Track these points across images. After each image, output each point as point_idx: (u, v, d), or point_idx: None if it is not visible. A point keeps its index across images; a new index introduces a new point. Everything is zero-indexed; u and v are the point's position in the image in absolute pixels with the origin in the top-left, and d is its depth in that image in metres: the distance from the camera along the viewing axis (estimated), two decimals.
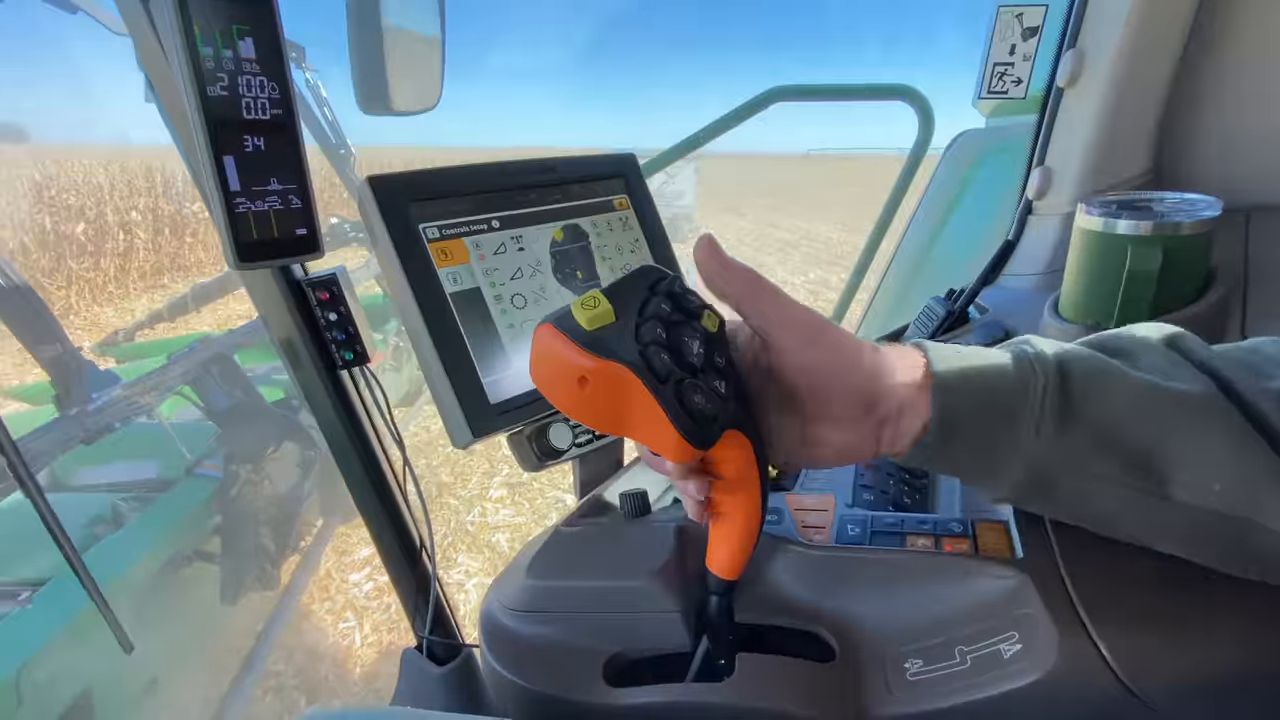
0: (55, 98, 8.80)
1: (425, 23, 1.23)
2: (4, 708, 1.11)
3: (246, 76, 0.51)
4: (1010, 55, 0.73)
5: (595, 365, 0.28)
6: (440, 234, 0.48)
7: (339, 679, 2.42)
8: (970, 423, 0.31)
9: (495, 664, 0.37)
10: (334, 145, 2.59)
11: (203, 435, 1.91)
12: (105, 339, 3.20)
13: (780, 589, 0.36)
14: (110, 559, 1.53)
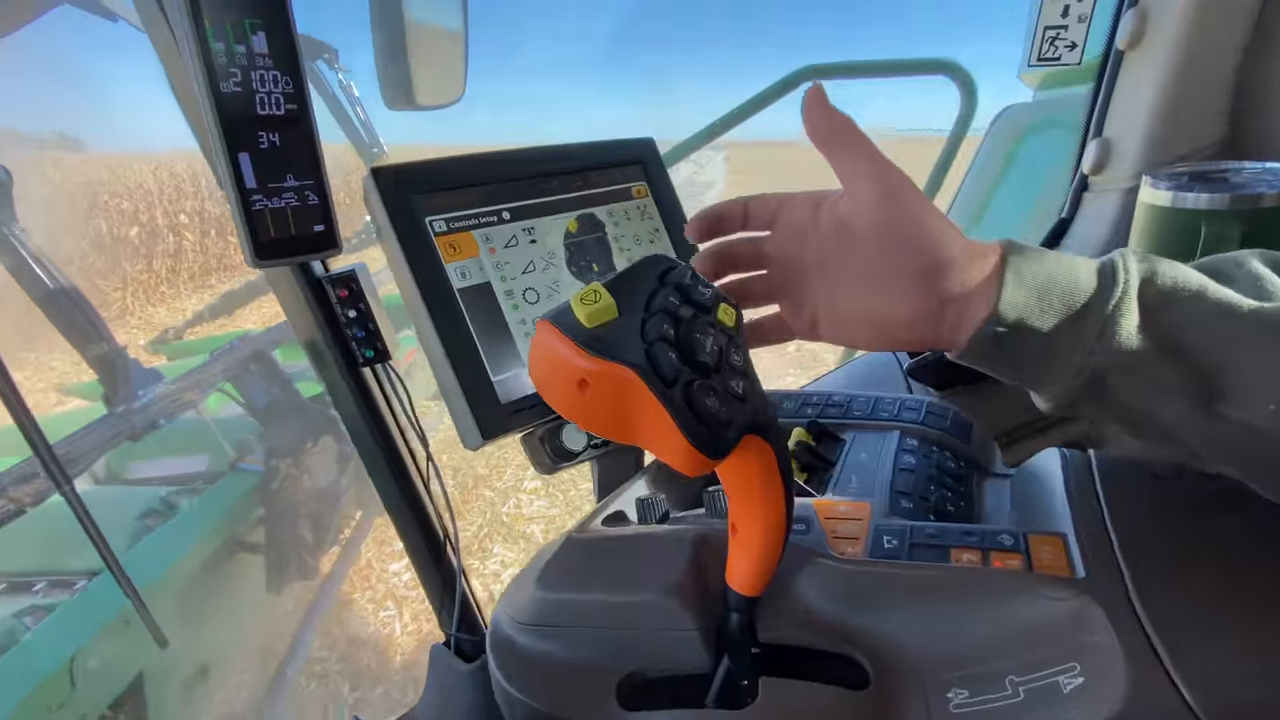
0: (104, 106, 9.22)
1: (448, 16, 1.22)
2: (57, 695, 1.16)
3: (260, 71, 0.50)
4: (1064, 17, 0.67)
5: (595, 367, 0.25)
6: (448, 227, 0.46)
7: (380, 667, 2.48)
8: (1036, 314, 0.30)
9: (503, 681, 0.35)
10: (367, 144, 2.63)
11: (244, 431, 1.96)
12: (157, 337, 3.33)
13: (808, 606, 0.33)
14: (161, 550, 1.59)
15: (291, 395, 1.95)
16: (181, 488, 1.83)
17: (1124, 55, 0.64)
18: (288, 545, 1.99)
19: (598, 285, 0.27)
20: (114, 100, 8.77)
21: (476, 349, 0.45)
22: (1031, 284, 0.31)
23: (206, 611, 1.73)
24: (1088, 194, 0.71)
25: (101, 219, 6.22)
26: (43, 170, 5.74)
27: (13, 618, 1.26)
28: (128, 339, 4.80)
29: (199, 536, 1.71)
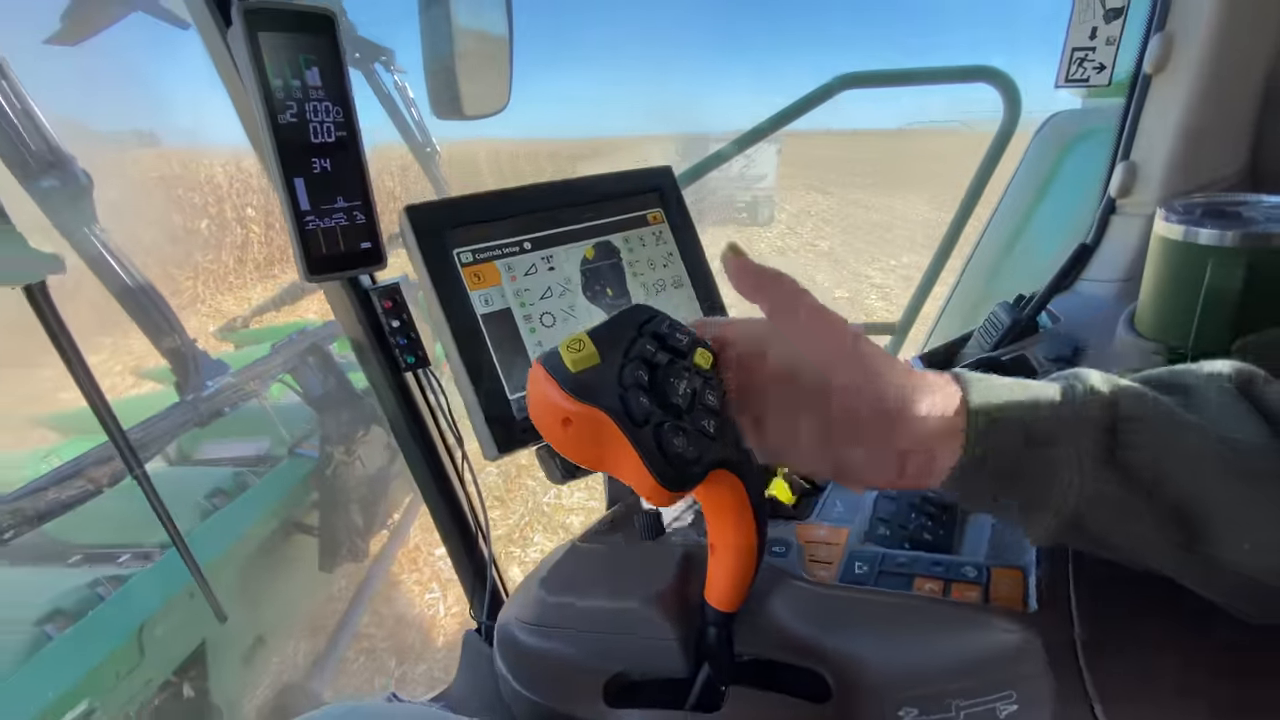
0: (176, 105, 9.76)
1: (494, 31, 1.27)
2: (127, 662, 1.27)
3: (313, 103, 0.55)
4: (1091, 39, 0.67)
5: (576, 409, 0.29)
6: (474, 258, 0.50)
7: (424, 645, 2.59)
8: (1005, 462, 0.30)
9: (507, 674, 0.39)
10: (421, 144, 2.71)
11: (301, 419, 2.08)
12: (225, 325, 3.54)
13: (781, 624, 0.36)
14: (225, 528, 1.70)
15: (345, 387, 2.06)
16: (244, 470, 1.97)
17: (1151, 79, 0.63)
18: (340, 527, 2.10)
19: (583, 334, 0.31)
20: (185, 99, 9.26)
21: (496, 370, 0.49)
22: (997, 425, 0.30)
23: (264, 587, 1.85)
24: (1115, 217, 0.71)
25: (175, 212, 6.63)
26: (121, 167, 6.15)
27: (87, 587, 1.38)
28: (199, 325, 5.11)
29: (259, 516, 1.82)
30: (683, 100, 63.53)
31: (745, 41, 78.17)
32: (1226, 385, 0.31)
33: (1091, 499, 0.29)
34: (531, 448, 0.53)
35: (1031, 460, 0.30)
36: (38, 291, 0.74)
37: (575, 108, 47.50)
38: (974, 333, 0.79)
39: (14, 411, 3.50)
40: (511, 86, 1.35)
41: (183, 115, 9.12)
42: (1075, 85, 0.70)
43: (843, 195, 15.60)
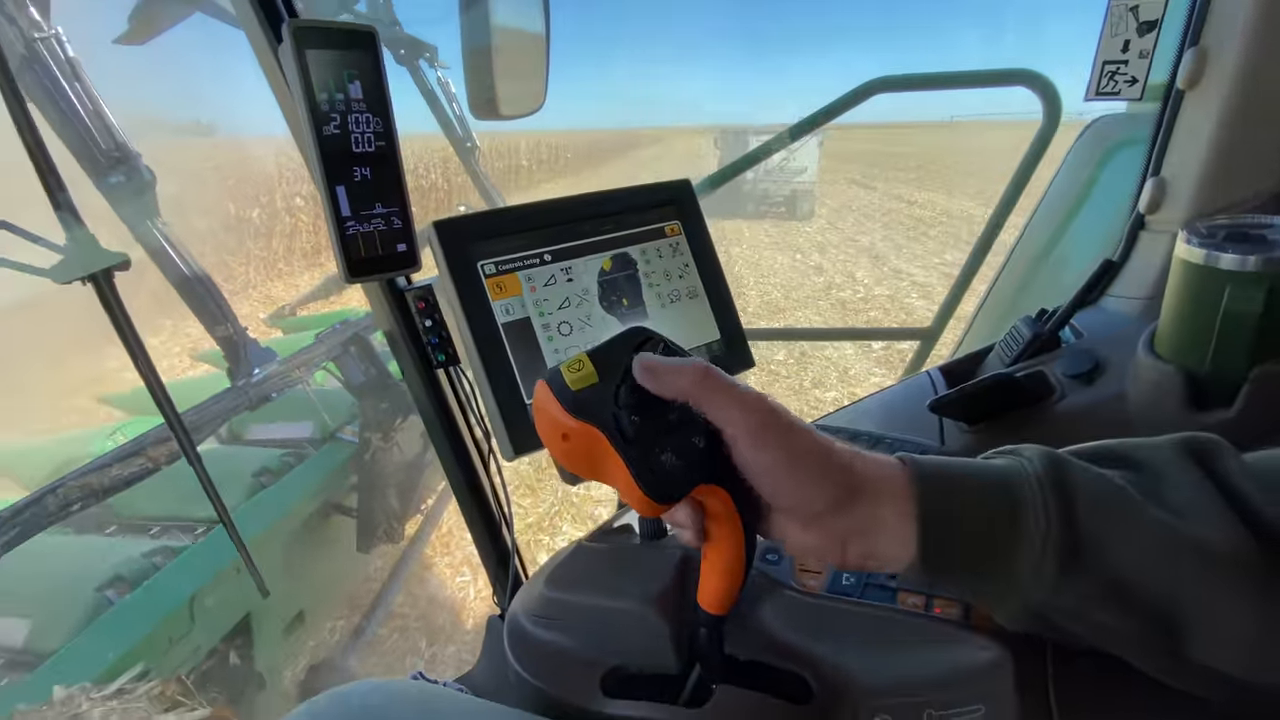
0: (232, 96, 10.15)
1: (532, 22, 1.30)
2: (179, 629, 1.36)
3: (355, 115, 0.59)
4: (1124, 52, 0.66)
5: (574, 425, 0.31)
6: (496, 269, 0.53)
7: (454, 627, 2.67)
8: (960, 558, 0.29)
9: (514, 662, 0.42)
10: (461, 139, 2.76)
11: (343, 405, 2.17)
12: (274, 312, 3.69)
13: (770, 629, 0.38)
14: (270, 506, 1.80)
15: (385, 375, 2.14)
16: (289, 452, 2.06)
17: (1184, 95, 0.62)
18: (377, 510, 2.18)
19: (583, 355, 0.33)
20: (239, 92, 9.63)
21: (514, 376, 0.52)
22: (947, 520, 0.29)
23: (305, 564, 1.94)
24: (1143, 233, 0.70)
25: (229, 201, 6.91)
26: (180, 157, 6.44)
27: (143, 557, 1.47)
28: (250, 310, 5.33)
29: (302, 496, 1.91)
30: (722, 93, 62.85)
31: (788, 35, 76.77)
32: (1179, 459, 0.30)
33: (1058, 598, 0.28)
34: (544, 450, 0.56)
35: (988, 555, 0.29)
36: (104, 282, 0.80)
37: (615, 100, 47.46)
38: (995, 346, 0.79)
39: (83, 391, 3.73)
40: (548, 87, 1.38)
41: (237, 106, 9.50)
42: (1105, 98, 0.69)
43: (886, 190, 15.26)
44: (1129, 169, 1.00)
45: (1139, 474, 0.30)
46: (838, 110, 1.30)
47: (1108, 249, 0.75)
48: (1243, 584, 0.27)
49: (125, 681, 1.24)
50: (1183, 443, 0.31)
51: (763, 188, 10.86)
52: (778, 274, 7.45)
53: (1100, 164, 1.07)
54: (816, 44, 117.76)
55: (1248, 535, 0.27)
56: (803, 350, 4.72)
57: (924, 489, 0.30)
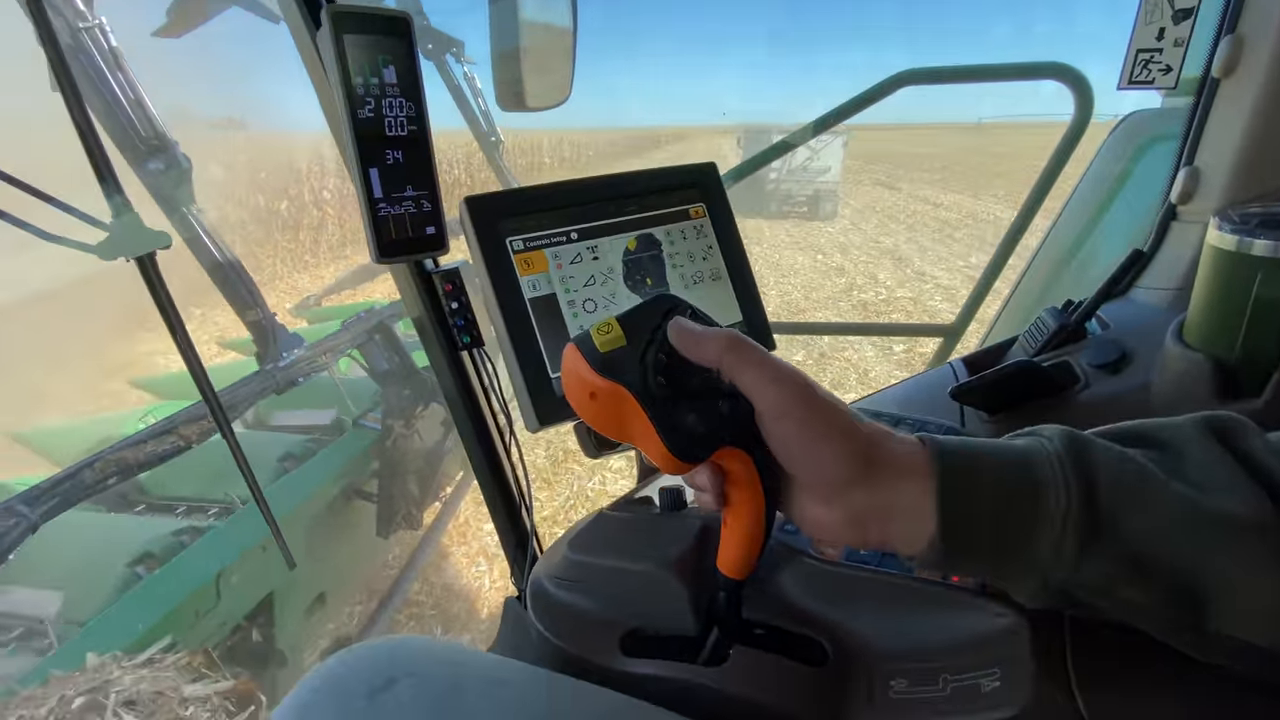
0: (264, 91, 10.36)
1: (559, 15, 1.31)
2: (206, 603, 1.40)
3: (389, 99, 0.60)
4: (1158, 40, 0.65)
5: (602, 384, 0.32)
6: (525, 246, 0.54)
7: (469, 615, 2.71)
8: (980, 537, 0.29)
9: (536, 623, 0.43)
10: (485, 134, 2.79)
11: (366, 392, 2.21)
12: (300, 302, 3.76)
13: (787, 594, 0.39)
14: (293, 489, 1.84)
15: (408, 364, 2.17)
16: (312, 438, 2.10)
17: (1219, 83, 0.61)
18: (397, 496, 2.22)
19: (613, 319, 0.34)
20: (271, 86, 9.83)
21: (540, 350, 0.53)
22: (968, 499, 0.29)
23: (326, 547, 1.98)
24: (1174, 224, 0.69)
25: (259, 193, 7.06)
26: (214, 149, 6.59)
27: (172, 535, 1.52)
28: (276, 301, 5.42)
29: (324, 481, 1.95)
30: (744, 92, 62.58)
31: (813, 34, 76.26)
32: (1201, 437, 0.30)
33: (1080, 575, 0.28)
34: (568, 423, 0.57)
35: (1008, 533, 0.29)
36: (148, 263, 0.83)
37: (638, 98, 47.59)
38: (1019, 337, 0.79)
39: (118, 375, 3.84)
40: (573, 80, 1.39)
41: (269, 101, 9.70)
42: (1139, 87, 0.68)
43: (911, 191, 15.10)
44: (1161, 164, 0.99)
45: (1161, 452, 0.30)
46: (865, 102, 1.29)
47: (1139, 242, 0.75)
48: (1267, 555, 0.27)
49: (154, 652, 1.28)
50: (1204, 420, 0.31)
51: (785, 188, 10.80)
52: (798, 274, 7.41)
53: (1133, 159, 1.06)
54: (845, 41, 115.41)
55: (1272, 508, 0.27)
56: (822, 351, 4.69)
57: (944, 467, 0.30)
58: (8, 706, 1.01)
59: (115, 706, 1.07)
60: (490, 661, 0.40)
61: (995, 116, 29.96)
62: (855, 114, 1.28)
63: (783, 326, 1.76)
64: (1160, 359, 0.59)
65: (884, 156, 19.98)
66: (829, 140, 10.14)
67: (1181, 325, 0.58)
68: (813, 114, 1.42)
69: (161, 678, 1.20)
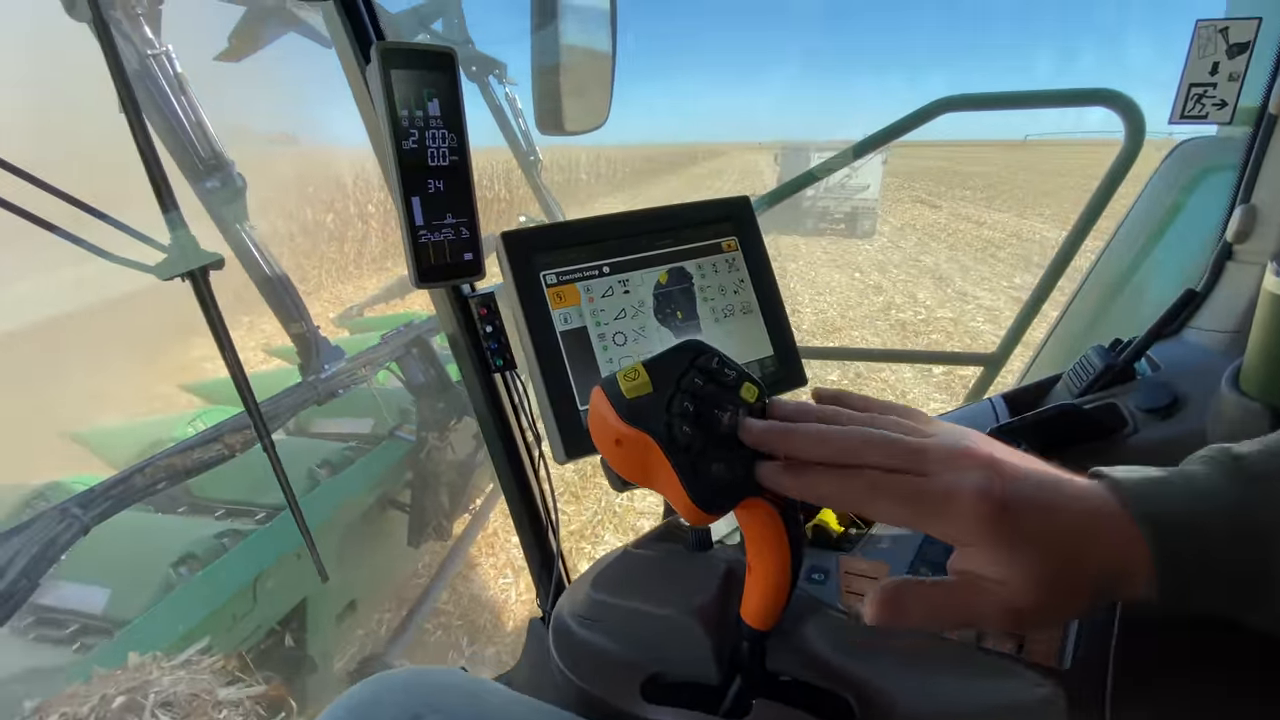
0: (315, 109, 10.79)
1: (599, 41, 1.34)
2: (243, 607, 1.44)
3: (432, 130, 0.62)
4: (1212, 75, 0.63)
5: (627, 432, 0.32)
6: (558, 280, 0.55)
7: (495, 628, 2.72)
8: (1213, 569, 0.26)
9: (557, 659, 0.43)
10: (525, 153, 2.85)
11: (403, 404, 2.25)
12: (343, 313, 3.87)
13: (813, 648, 0.38)
14: (330, 496, 1.88)
15: (443, 378, 2.21)
16: (350, 446, 2.16)
17: (1277, 120, 0.59)
18: (428, 507, 2.25)
19: (639, 364, 0.34)
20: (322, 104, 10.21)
21: (570, 383, 0.53)
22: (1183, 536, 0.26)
23: (359, 555, 2.02)
24: (1230, 263, 0.66)
25: (307, 206, 7.33)
26: (268, 164, 6.88)
27: (214, 538, 1.57)
28: (321, 310, 5.60)
29: (360, 490, 1.99)
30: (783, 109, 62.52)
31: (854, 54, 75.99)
32: None
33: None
34: (595, 455, 0.57)
35: (1230, 585, 0.27)
36: (200, 278, 0.87)
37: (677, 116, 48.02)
38: (1063, 375, 0.76)
39: (170, 379, 4.01)
40: (611, 105, 1.41)
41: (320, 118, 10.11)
42: (1191, 122, 0.66)
43: (953, 209, 14.81)
44: (1217, 195, 0.95)
45: None
46: (903, 129, 1.28)
47: (1191, 279, 0.72)
48: None
49: (192, 653, 1.31)
50: None
51: (822, 204, 10.72)
52: (835, 292, 7.31)
53: (1186, 189, 1.02)
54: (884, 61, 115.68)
55: None
56: (858, 371, 4.61)
57: (1139, 501, 0.27)
58: (53, 702, 1.05)
59: (153, 708, 1.10)
60: (512, 700, 0.40)
61: (1043, 134, 29.18)
62: (895, 139, 1.27)
63: (815, 351, 1.74)
64: (1214, 406, 0.56)
65: (925, 173, 19.66)
66: (868, 157, 10.03)
67: (1238, 371, 0.55)
68: (851, 130, 1.41)
69: (197, 680, 1.24)
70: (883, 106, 58.59)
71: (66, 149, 2.52)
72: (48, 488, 1.87)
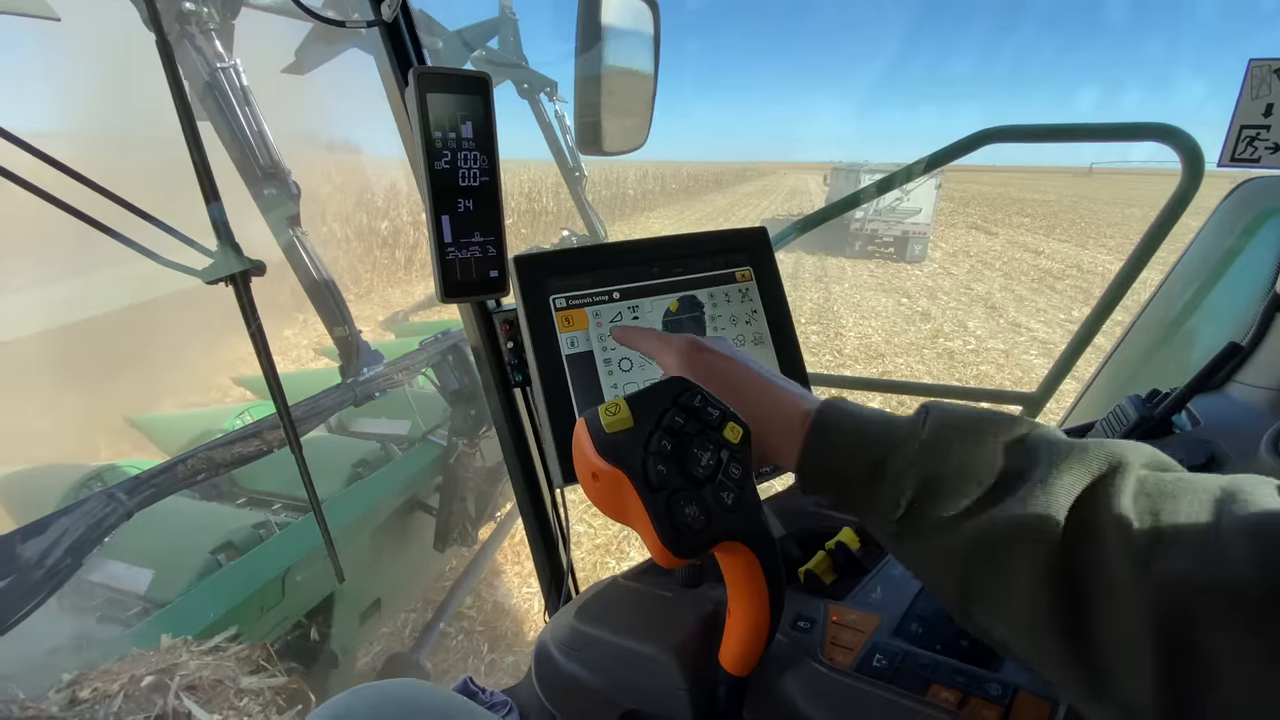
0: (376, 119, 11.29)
1: (643, 62, 1.35)
2: (271, 598, 1.48)
3: (464, 152, 0.64)
4: (1265, 117, 0.60)
5: (603, 467, 0.32)
6: (567, 304, 0.56)
7: (515, 636, 2.73)
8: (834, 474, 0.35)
9: (536, 687, 0.43)
10: (571, 169, 2.90)
11: (436, 409, 2.30)
12: (389, 317, 4.00)
13: (790, 698, 0.37)
14: (365, 494, 1.93)
15: (476, 385, 2.25)
16: (384, 447, 2.22)
17: None
18: (456, 512, 2.28)
19: (621, 399, 0.34)
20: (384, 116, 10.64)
21: (572, 406, 0.54)
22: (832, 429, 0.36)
23: (386, 555, 2.06)
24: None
25: (364, 213, 7.61)
26: (328, 171, 7.18)
27: (252, 528, 1.63)
28: (370, 313, 5.79)
29: (392, 490, 2.04)
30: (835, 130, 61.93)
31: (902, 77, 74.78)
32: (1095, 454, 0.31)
33: None
34: None
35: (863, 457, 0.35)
36: (240, 280, 0.91)
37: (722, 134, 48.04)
38: (1096, 424, 0.73)
39: (226, 371, 4.20)
40: (651, 127, 1.43)
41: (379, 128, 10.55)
42: (1242, 165, 0.63)
43: (1009, 237, 14.36)
44: (1277, 242, 0.90)
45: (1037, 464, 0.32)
46: (947, 158, 1.25)
47: (1239, 331, 0.68)
48: (1023, 565, 0.29)
49: (220, 640, 1.36)
50: (1132, 450, 0.32)
51: (871, 227, 10.54)
52: (880, 317, 7.16)
53: (1246, 233, 0.96)
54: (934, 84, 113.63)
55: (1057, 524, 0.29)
56: (900, 399, 4.48)
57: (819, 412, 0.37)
58: (88, 677, 1.10)
59: (178, 689, 1.15)
60: None
61: (1109, 162, 27.96)
62: (938, 167, 1.24)
63: (848, 381, 1.70)
64: (1253, 469, 0.53)
65: (980, 199, 19.09)
66: (920, 181, 9.84)
67: (1278, 435, 0.52)
68: (905, 154, 1.39)
69: (223, 666, 1.28)
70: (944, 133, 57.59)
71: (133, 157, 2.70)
72: (105, 469, 1.98)
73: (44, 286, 3.94)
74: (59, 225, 0.79)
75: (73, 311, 3.79)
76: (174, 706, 1.12)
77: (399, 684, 0.42)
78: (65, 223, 0.77)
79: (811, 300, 7.65)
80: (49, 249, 3.55)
